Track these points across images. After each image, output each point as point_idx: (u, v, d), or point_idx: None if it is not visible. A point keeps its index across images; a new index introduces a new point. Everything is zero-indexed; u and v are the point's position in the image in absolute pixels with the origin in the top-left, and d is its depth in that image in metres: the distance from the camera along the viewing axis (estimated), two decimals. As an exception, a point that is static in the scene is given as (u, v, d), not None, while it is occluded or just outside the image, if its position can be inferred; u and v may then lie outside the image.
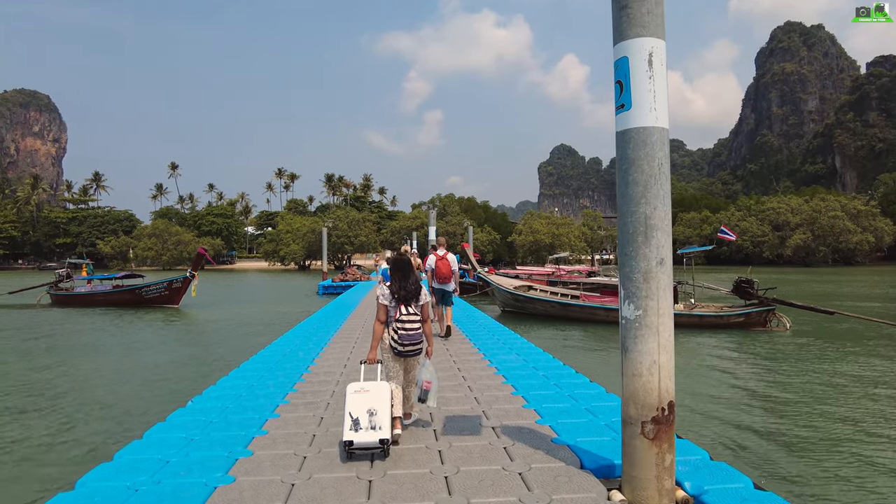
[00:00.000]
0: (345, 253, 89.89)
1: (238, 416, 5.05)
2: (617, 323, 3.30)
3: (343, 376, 6.89)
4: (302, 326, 11.99)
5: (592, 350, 13.76)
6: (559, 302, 18.05)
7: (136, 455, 4.05)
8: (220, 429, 4.67)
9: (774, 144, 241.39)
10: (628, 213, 3.13)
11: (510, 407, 5.19)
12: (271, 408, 5.31)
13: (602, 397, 5.53)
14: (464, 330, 11.04)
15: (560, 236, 77.92)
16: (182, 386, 9.83)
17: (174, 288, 24.64)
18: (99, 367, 11.99)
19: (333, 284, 31.03)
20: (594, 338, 15.11)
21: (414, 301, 4.40)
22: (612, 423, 4.59)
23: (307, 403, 5.50)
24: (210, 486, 3.48)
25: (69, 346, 14.89)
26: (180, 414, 5.15)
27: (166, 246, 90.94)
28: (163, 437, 4.45)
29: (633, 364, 3.11)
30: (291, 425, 4.77)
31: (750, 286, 15.75)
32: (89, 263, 36.16)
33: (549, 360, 7.62)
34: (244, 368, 7.31)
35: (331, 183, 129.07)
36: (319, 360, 8.02)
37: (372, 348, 4.41)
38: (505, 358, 7.76)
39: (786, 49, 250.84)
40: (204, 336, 17.03)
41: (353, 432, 3.86)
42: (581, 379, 6.42)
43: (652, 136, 3.09)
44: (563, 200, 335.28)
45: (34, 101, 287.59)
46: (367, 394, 3.99)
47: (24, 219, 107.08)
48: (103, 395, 9.51)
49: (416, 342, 4.37)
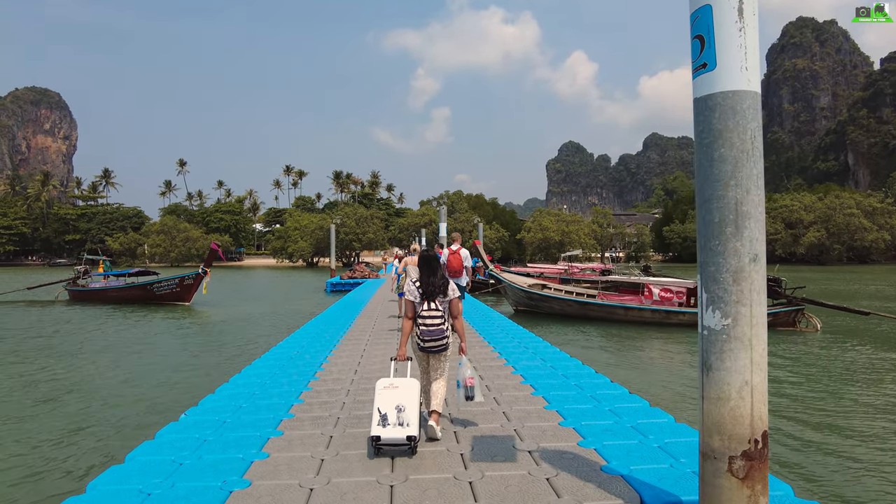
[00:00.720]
0: (353, 250, 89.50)
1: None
2: (637, 322, 2.80)
3: (357, 375, 6.63)
4: (311, 325, 11.50)
5: (618, 352, 13.12)
6: (577, 301, 17.44)
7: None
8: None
9: (785, 142, 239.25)
10: (713, 197, 2.54)
11: (546, 425, 4.63)
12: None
13: (647, 413, 4.95)
14: (480, 331, 10.45)
15: (570, 233, 77.04)
16: (195, 383, 9.67)
17: (186, 285, 24.11)
18: (105, 367, 11.51)
19: (341, 282, 30.57)
20: (617, 339, 14.51)
21: (440, 297, 4.37)
22: (666, 446, 4.04)
23: (322, 403, 5.35)
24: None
25: (75, 345, 14.44)
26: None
27: (174, 242, 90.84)
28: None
29: (718, 385, 2.52)
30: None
31: (777, 285, 15.09)
32: (106, 260, 35.82)
33: (577, 366, 7.03)
34: (256, 366, 7.20)
35: (339, 180, 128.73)
36: (332, 357, 7.73)
37: (401, 344, 4.40)
38: (529, 364, 7.16)
39: (798, 45, 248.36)
40: (215, 335, 16.57)
41: (380, 428, 3.85)
42: (618, 389, 5.84)
43: (743, 101, 2.49)
44: (572, 198, 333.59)
45: (45, 99, 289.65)
46: (397, 390, 4.00)
47: (34, 215, 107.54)
48: (111, 395, 9.24)
49: (436, 338, 4.30)
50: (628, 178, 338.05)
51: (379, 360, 7.66)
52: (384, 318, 12.65)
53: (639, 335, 14.74)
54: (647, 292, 16.31)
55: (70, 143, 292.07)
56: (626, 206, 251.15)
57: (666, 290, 16.05)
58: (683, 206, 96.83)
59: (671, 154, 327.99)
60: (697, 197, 2.65)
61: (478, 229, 40.76)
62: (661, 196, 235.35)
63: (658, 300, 16.04)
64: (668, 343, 13.99)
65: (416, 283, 4.43)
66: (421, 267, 4.48)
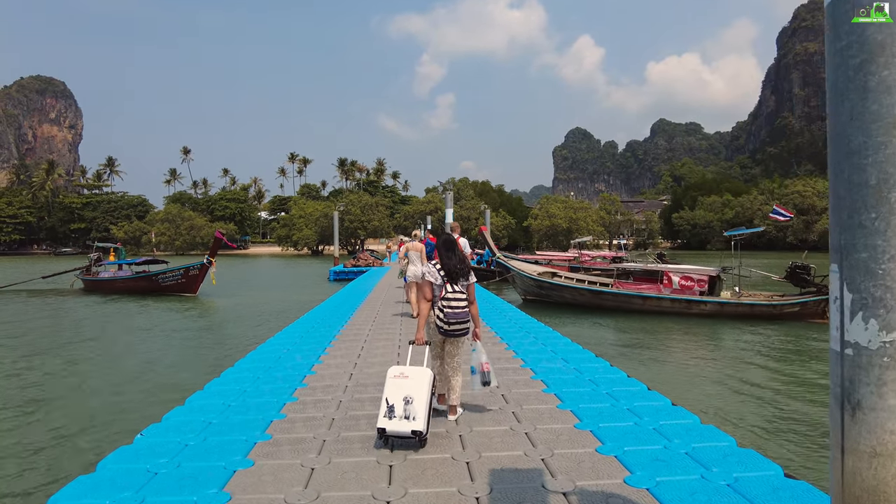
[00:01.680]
0: (357, 238, 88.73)
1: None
2: (655, 312, 1.97)
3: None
4: (308, 317, 10.74)
5: (635, 345, 12.26)
6: (590, 289, 16.47)
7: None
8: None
9: (795, 127, 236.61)
10: (867, 147, 1.65)
11: (582, 451, 3.81)
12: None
13: (670, 413, 4.49)
14: (489, 322, 9.63)
15: (578, 220, 75.90)
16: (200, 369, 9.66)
17: (191, 275, 23.06)
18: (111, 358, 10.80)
19: (345, 270, 29.73)
20: (634, 330, 13.66)
21: (462, 279, 4.33)
22: (695, 452, 3.64)
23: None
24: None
25: (77, 336, 13.77)
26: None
27: (179, 231, 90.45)
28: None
29: (876, 434, 1.65)
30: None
31: (806, 272, 14.17)
32: (119, 248, 34.63)
33: (605, 368, 6.18)
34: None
35: (343, 167, 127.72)
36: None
37: (419, 328, 4.34)
38: (550, 366, 6.31)
39: (809, 28, 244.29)
40: (214, 329, 15.85)
41: (386, 419, 3.77)
42: (636, 385, 5.33)
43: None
44: (578, 185, 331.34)
45: (50, 88, 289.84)
46: (406, 380, 3.86)
47: (39, 204, 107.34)
48: (118, 382, 9.24)
49: (462, 321, 4.25)
50: (635, 165, 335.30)
51: (379, 357, 6.92)
52: (387, 309, 11.87)
53: (658, 326, 13.89)
54: (666, 280, 15.30)
55: (76, 132, 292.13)
56: (634, 192, 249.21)
57: (686, 277, 15.05)
58: (693, 192, 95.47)
59: (679, 140, 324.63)
60: (834, 149, 1.76)
61: (484, 216, 39.84)
62: (669, 183, 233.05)
63: (678, 289, 15.06)
64: (688, 335, 13.15)
65: (436, 265, 4.35)
66: (442, 249, 4.40)
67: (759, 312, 14.48)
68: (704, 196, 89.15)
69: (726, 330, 13.35)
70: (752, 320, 14.27)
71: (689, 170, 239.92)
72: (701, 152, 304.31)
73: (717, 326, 13.80)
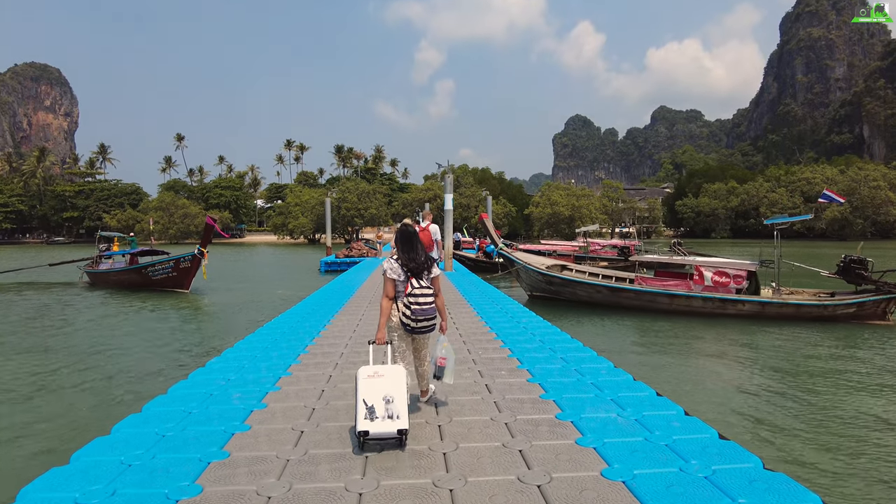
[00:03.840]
0: (353, 226, 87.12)
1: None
2: (682, 312, 0.68)
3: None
4: (284, 317, 9.18)
5: (665, 352, 10.61)
6: (607, 286, 14.54)
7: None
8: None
9: (798, 114, 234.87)
10: None
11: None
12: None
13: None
14: (492, 325, 8.05)
15: (581, 208, 74.12)
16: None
17: (182, 268, 20.45)
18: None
19: (337, 261, 27.88)
20: (661, 334, 11.90)
21: (426, 273, 4.13)
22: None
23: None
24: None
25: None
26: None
27: (173, 219, 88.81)
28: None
29: None
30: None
31: (863, 267, 12.41)
32: (130, 237, 30.94)
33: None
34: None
35: (341, 154, 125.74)
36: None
37: (380, 327, 4.12)
38: (578, 395, 4.75)
39: (813, 13, 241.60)
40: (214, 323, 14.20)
41: (368, 421, 3.58)
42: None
43: None
44: (578, 172, 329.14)
45: (45, 75, 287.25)
46: (382, 379, 3.68)
47: (30, 192, 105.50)
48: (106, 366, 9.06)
49: (430, 317, 4.08)
50: (636, 153, 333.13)
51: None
52: (375, 306, 10.26)
53: (688, 329, 12.14)
54: (696, 276, 13.45)
55: (72, 119, 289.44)
56: (634, 180, 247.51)
57: (721, 272, 13.15)
58: (697, 179, 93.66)
59: (679, 128, 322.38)
60: None
61: (486, 203, 38.10)
62: (670, 170, 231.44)
63: (711, 285, 13.23)
64: (725, 340, 11.44)
65: (397, 260, 4.15)
66: (400, 243, 4.21)
67: (806, 313, 12.67)
68: (709, 183, 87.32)
69: (771, 334, 11.57)
70: (797, 322, 12.49)
71: (691, 157, 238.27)
72: (702, 139, 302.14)
73: (758, 329, 12.04)
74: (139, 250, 24.08)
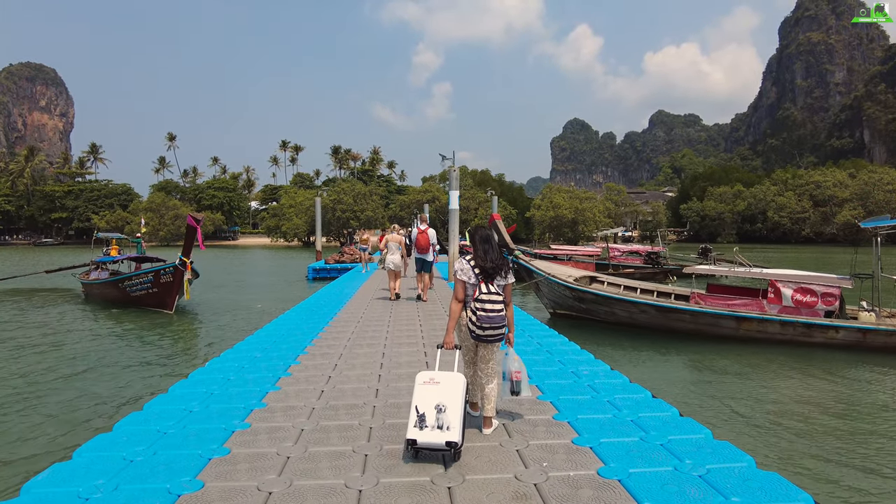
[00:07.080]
0: (348, 228, 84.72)
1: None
2: (753, 340, 0.67)
3: None
4: (256, 338, 7.29)
5: (743, 398, 8.21)
6: (655, 304, 11.56)
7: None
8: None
9: (797, 118, 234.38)
10: None
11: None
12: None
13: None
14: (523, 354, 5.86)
15: (584, 211, 71.80)
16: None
17: (164, 283, 16.19)
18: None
19: (327, 267, 25.10)
20: (737, 373, 9.21)
21: (499, 278, 3.90)
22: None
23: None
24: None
25: None
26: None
27: (163, 221, 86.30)
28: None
29: None
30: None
31: None
32: (138, 238, 25.31)
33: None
34: None
35: (337, 156, 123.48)
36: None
37: (448, 330, 3.93)
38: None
39: (812, 17, 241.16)
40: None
41: (417, 430, 3.43)
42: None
43: None
44: (576, 176, 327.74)
45: (40, 75, 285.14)
46: (437, 386, 3.53)
47: (18, 193, 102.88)
48: None
49: (497, 325, 3.84)
50: (634, 157, 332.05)
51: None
52: (368, 324, 7.97)
53: (765, 362, 9.41)
54: (772, 293, 10.74)
55: (67, 119, 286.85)
56: (632, 184, 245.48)
57: (804, 290, 10.39)
58: (701, 182, 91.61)
59: (677, 132, 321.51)
60: None
61: (491, 203, 35.73)
62: (669, 174, 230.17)
63: (791, 306, 10.54)
64: (816, 380, 8.68)
65: (469, 260, 3.96)
66: (478, 244, 3.96)
67: None
68: (714, 187, 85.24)
69: (873, 367, 9.07)
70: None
71: (690, 161, 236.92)
72: (700, 144, 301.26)
73: (863, 364, 9.36)
74: (125, 257, 20.58)
